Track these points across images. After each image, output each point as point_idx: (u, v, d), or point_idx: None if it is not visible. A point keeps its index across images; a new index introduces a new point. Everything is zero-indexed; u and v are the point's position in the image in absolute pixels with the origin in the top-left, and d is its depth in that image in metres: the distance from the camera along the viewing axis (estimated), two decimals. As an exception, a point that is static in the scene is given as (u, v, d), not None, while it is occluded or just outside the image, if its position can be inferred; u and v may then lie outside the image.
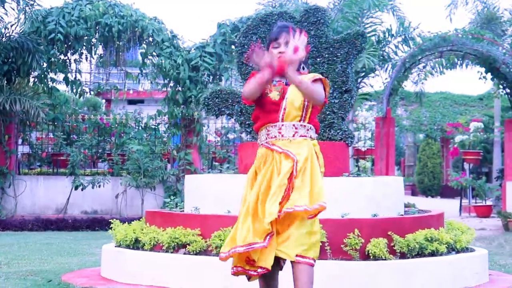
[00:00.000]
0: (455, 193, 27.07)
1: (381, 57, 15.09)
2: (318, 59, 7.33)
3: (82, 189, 15.58)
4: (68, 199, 15.86)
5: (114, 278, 6.82)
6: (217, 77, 16.25)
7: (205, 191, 7.04)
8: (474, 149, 20.07)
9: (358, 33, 7.30)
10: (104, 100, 28.11)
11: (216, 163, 18.28)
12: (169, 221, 6.81)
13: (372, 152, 19.23)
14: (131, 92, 17.58)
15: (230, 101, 7.47)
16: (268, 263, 4.16)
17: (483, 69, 16.00)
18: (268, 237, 4.11)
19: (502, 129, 20.16)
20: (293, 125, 4.30)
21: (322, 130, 7.30)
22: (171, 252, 6.51)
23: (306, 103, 4.31)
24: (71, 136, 17.33)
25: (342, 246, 6.16)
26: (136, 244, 6.87)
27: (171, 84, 16.28)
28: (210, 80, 16.20)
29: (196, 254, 6.39)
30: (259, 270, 4.20)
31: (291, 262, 4.20)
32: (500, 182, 17.88)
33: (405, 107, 30.25)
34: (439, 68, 16.44)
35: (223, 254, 4.27)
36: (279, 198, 4.11)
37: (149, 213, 7.33)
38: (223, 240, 6.26)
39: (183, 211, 7.26)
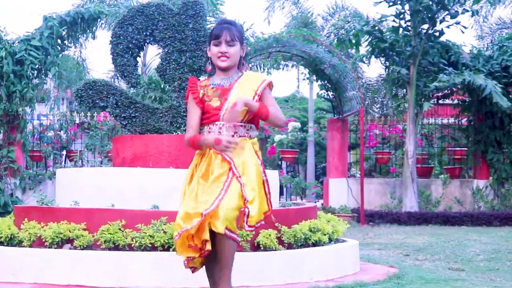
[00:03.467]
0: (265, 192, 27.90)
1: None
2: (197, 52, 7.34)
3: None
4: None
5: (-12, 277, 6.38)
6: (43, 71, 15.64)
7: (84, 185, 6.81)
8: (289, 148, 20.89)
9: (239, 28, 7.39)
10: None
11: (34, 161, 17.56)
12: (48, 216, 6.48)
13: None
14: None
15: (105, 93, 7.26)
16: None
17: (306, 70, 16.77)
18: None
19: (318, 129, 21.19)
20: (234, 125, 4.30)
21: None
22: (55, 248, 6.22)
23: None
24: None
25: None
26: (11, 241, 6.49)
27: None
28: (36, 75, 15.57)
29: (82, 249, 6.17)
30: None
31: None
32: (322, 179, 18.78)
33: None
34: (266, 69, 16.96)
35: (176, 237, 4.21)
36: (211, 197, 4.15)
37: (21, 208, 6.92)
38: (112, 234, 6.12)
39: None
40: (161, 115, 7.32)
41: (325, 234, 6.75)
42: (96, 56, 40.56)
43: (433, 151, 19.30)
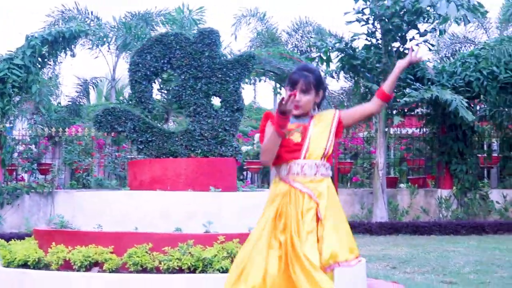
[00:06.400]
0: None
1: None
2: (212, 79, 7.62)
3: None
4: None
5: (16, 301, 6.54)
6: (24, 89, 15.77)
7: (105, 208, 7.01)
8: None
9: (250, 55, 7.73)
10: None
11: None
12: (75, 240, 6.67)
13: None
14: None
15: (123, 118, 7.49)
16: None
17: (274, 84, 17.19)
18: None
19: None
20: (315, 164, 4.26)
21: (214, 147, 7.61)
22: (83, 271, 6.42)
23: (329, 143, 4.32)
24: None
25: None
26: (37, 265, 6.66)
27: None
28: (17, 92, 15.69)
29: (111, 272, 6.38)
30: None
31: None
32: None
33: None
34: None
35: None
36: (314, 245, 4.09)
37: (44, 232, 7.10)
38: (140, 257, 6.34)
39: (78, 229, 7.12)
40: (176, 139, 7.57)
41: (338, 253, 7.06)
42: (67, 71, 40.66)
43: (393, 161, 19.88)
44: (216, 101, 7.95)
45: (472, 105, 17.43)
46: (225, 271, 6.30)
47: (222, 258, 6.37)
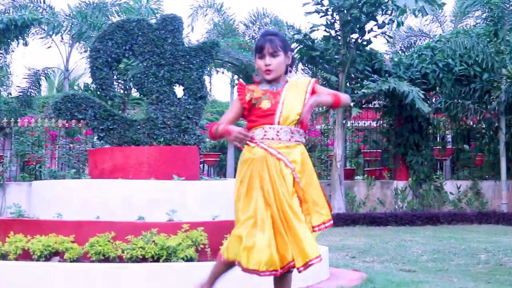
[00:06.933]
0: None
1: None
2: (175, 66, 7.53)
3: None
4: None
5: (-26, 292, 6.36)
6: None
7: (66, 197, 6.87)
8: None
9: (214, 43, 7.65)
10: None
11: None
12: (33, 229, 6.52)
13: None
14: None
15: (84, 105, 7.36)
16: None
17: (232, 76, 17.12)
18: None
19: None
20: (290, 129, 4.27)
21: (177, 135, 7.53)
22: (43, 261, 6.28)
23: (304, 109, 4.30)
24: None
25: (220, 247, 6.43)
26: (-6, 255, 6.50)
27: None
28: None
29: (72, 261, 6.25)
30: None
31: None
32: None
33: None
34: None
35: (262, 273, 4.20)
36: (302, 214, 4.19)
37: (1, 221, 6.93)
38: (102, 246, 6.23)
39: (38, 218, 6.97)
40: (138, 127, 7.47)
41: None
42: (18, 61, 39.88)
43: (350, 153, 20.03)
44: (179, 89, 7.86)
45: (428, 97, 17.62)
46: (189, 259, 6.25)
47: (187, 246, 6.29)
